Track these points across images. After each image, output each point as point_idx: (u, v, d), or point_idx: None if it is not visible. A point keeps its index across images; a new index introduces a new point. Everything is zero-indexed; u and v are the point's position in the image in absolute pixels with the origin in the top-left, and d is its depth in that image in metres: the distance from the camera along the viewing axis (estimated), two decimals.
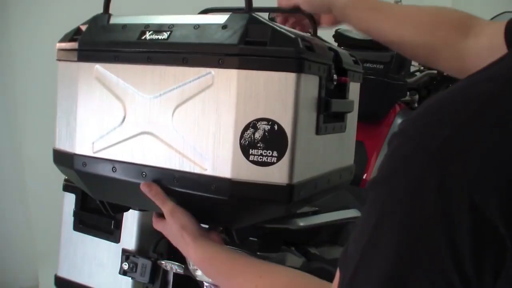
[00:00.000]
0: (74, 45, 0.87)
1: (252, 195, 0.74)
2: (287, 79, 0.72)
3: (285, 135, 0.72)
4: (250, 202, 0.76)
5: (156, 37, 0.79)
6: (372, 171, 1.65)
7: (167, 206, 0.80)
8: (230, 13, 0.77)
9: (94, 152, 0.85)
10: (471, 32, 0.82)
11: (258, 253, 1.16)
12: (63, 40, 0.91)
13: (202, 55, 0.75)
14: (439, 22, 0.86)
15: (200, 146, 0.75)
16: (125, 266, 1.19)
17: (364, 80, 0.95)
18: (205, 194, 0.76)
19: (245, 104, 0.72)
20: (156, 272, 1.18)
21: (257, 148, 0.72)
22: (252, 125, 0.72)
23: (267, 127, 0.72)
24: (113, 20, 0.86)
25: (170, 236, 0.84)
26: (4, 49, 2.31)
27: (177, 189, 0.78)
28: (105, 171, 0.84)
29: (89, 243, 1.28)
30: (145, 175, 0.80)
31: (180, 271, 1.13)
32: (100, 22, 0.87)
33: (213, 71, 0.74)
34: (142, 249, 1.22)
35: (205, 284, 1.06)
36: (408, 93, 1.89)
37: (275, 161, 0.73)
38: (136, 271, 1.19)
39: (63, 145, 0.90)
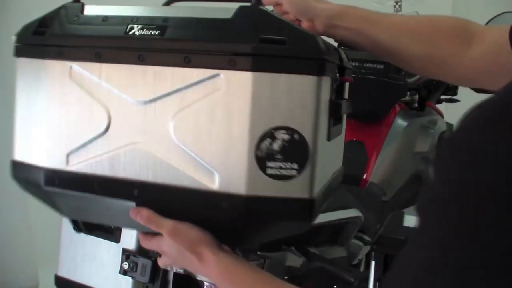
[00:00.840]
0: (40, 39, 0.74)
1: (269, 212, 0.67)
2: (308, 82, 0.65)
3: (306, 145, 0.66)
4: (266, 220, 0.69)
5: (149, 32, 0.69)
6: (372, 171, 1.65)
7: (165, 227, 0.72)
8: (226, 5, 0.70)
9: (70, 166, 0.73)
10: (472, 39, 0.80)
11: (259, 252, 1.16)
12: (23, 33, 0.77)
13: (208, 55, 0.66)
14: (437, 31, 0.83)
15: (207, 159, 0.67)
16: (125, 266, 1.19)
17: (364, 80, 0.95)
18: (214, 213, 0.68)
19: (261, 111, 0.65)
20: (156, 271, 1.18)
21: (275, 160, 0.65)
22: (269, 134, 0.65)
23: (287, 137, 0.65)
24: (88, 11, 0.74)
25: (174, 255, 0.75)
26: (4, 49, 2.31)
27: (177, 209, 0.70)
28: (84, 189, 0.72)
29: (89, 243, 1.28)
30: (137, 193, 0.70)
31: (180, 270, 1.13)
32: (72, 13, 0.74)
33: (222, 73, 0.65)
34: (142, 249, 1.22)
35: (205, 284, 1.06)
36: (408, 93, 1.89)
37: (295, 174, 0.66)
38: (136, 271, 1.19)
39: (27, 157, 0.77)
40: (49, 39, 0.73)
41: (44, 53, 0.73)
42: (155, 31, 0.68)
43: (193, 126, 0.67)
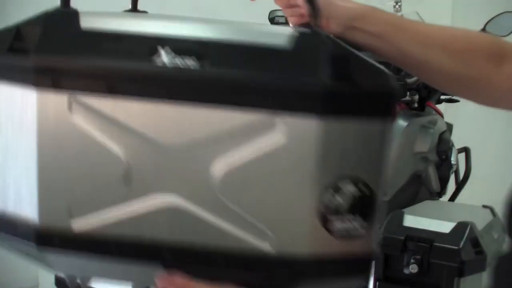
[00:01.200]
0: (22, 59, 0.56)
1: (329, 272, 0.59)
2: (381, 127, 0.57)
3: (375, 197, 0.58)
4: (323, 280, 0.60)
5: (184, 61, 0.54)
6: None
7: None
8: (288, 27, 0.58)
9: (75, 223, 0.57)
10: (504, 59, 0.75)
11: None
12: None
13: (264, 96, 0.54)
14: (471, 50, 0.75)
15: (258, 216, 0.56)
16: None
17: None
18: (265, 277, 0.58)
19: (326, 161, 0.55)
20: None
21: (340, 215, 0.57)
22: (334, 186, 0.56)
23: (353, 189, 0.57)
24: (85, 22, 0.56)
25: None
26: None
27: (219, 274, 0.59)
28: (97, 251, 0.58)
29: None
30: (168, 257, 0.57)
31: None
32: (64, 25, 0.56)
33: (280, 116, 0.54)
34: None
35: None
36: (408, 93, 1.89)
37: (363, 231, 0.58)
38: None
39: (14, 208, 0.59)
40: (35, 61, 0.55)
41: (30, 80, 0.55)
42: (191, 59, 0.54)
43: (242, 177, 0.56)
